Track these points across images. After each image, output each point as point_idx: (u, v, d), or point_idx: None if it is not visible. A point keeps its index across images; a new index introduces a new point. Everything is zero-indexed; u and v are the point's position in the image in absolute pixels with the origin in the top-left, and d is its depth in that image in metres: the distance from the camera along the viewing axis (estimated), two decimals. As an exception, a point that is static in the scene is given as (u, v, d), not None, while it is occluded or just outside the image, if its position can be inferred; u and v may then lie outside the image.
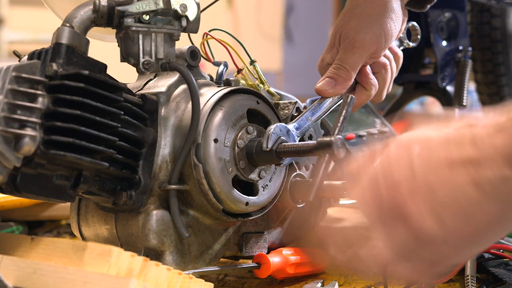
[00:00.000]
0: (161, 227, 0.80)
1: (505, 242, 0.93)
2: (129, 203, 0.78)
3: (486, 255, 0.90)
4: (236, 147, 0.82)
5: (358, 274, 0.73)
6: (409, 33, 1.08)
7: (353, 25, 0.93)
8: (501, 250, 0.89)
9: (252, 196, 0.84)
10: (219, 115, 0.81)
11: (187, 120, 0.81)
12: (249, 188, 0.84)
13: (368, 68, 0.96)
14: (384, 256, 0.63)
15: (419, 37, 1.08)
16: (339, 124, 0.81)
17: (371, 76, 0.96)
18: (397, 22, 0.94)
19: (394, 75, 1.01)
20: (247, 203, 0.83)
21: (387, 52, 0.98)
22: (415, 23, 1.08)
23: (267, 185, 0.85)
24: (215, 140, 0.80)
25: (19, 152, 0.68)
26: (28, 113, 0.70)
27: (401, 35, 1.04)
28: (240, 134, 0.82)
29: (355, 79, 0.95)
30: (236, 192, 0.81)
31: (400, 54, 1.02)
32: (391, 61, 0.99)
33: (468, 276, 0.85)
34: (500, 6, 1.50)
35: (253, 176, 0.83)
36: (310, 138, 0.93)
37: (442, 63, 1.34)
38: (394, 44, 1.02)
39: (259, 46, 5.09)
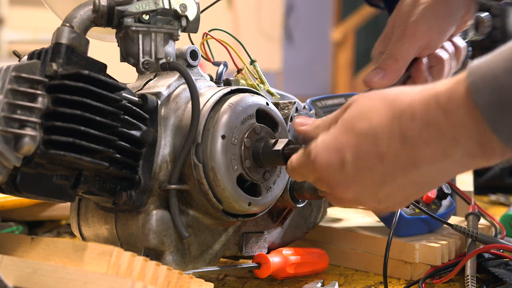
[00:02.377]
0: (161, 227, 0.80)
1: (505, 242, 0.93)
2: (129, 203, 0.78)
3: (486, 255, 0.91)
4: (243, 146, 0.82)
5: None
6: (478, 25, 1.00)
7: (406, 14, 0.89)
8: (501, 250, 0.89)
9: (255, 197, 0.83)
10: (228, 112, 0.81)
11: (187, 120, 0.81)
12: (251, 190, 0.84)
13: (424, 62, 0.92)
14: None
15: (488, 29, 1.00)
16: None
17: (425, 71, 0.91)
18: (456, 13, 0.89)
19: (453, 70, 0.95)
20: (250, 203, 0.83)
21: (448, 45, 0.94)
22: (484, 14, 1.00)
23: (270, 187, 0.85)
24: (223, 137, 0.80)
25: (19, 152, 0.68)
26: (28, 113, 0.70)
27: (467, 27, 0.96)
28: (248, 133, 0.82)
29: (407, 72, 0.91)
30: (240, 191, 0.81)
31: (463, 47, 0.95)
32: (451, 55, 0.94)
33: (468, 276, 0.85)
34: (500, 6, 1.50)
35: (258, 177, 0.83)
36: None
37: (442, 63, 1.33)
38: (458, 36, 0.96)
39: (259, 46, 5.09)
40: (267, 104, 0.86)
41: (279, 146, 0.81)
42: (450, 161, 0.61)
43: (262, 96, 0.87)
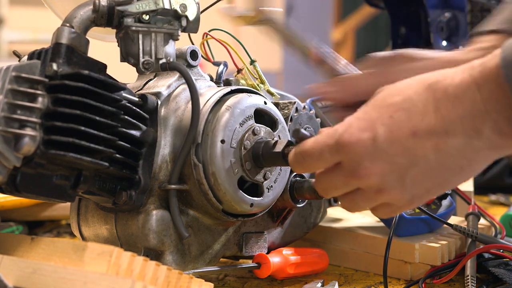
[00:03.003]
0: (161, 227, 0.79)
1: (505, 242, 0.93)
2: (129, 203, 0.78)
3: (486, 255, 0.91)
4: (242, 148, 0.81)
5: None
6: None
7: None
8: (501, 250, 0.89)
9: (257, 197, 0.83)
10: (226, 116, 0.81)
11: (187, 120, 0.81)
12: (252, 189, 0.84)
13: None
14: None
15: None
16: None
17: None
18: None
19: None
20: (252, 204, 0.83)
21: None
22: None
23: (272, 186, 0.85)
24: (222, 141, 0.80)
25: (19, 152, 0.68)
26: (28, 113, 0.70)
27: None
28: (247, 135, 0.82)
29: None
30: (242, 194, 0.81)
31: None
32: None
33: (468, 276, 0.85)
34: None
35: (259, 177, 0.83)
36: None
37: (442, 63, 1.34)
38: None
39: (259, 46, 5.08)
40: (265, 103, 0.86)
41: (279, 147, 0.80)
42: (480, 139, 0.61)
43: (260, 95, 0.87)
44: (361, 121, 0.65)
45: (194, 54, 0.88)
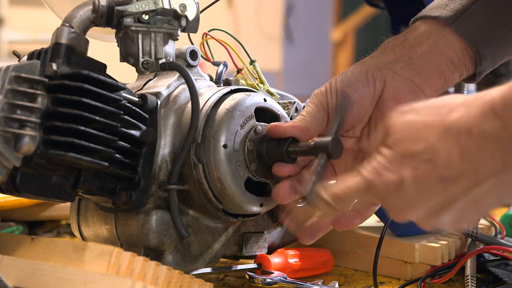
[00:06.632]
0: (161, 227, 0.80)
1: (505, 242, 0.93)
2: (129, 203, 0.78)
3: (486, 255, 0.91)
4: (246, 150, 0.81)
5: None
6: None
7: None
8: (501, 250, 0.90)
9: (265, 195, 0.83)
10: (226, 119, 0.80)
11: (187, 120, 0.81)
12: (260, 187, 0.84)
13: None
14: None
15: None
16: (335, 127, 0.78)
17: None
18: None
19: None
20: (261, 204, 0.83)
21: None
22: None
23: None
24: (225, 146, 0.79)
25: (18, 152, 0.68)
26: (28, 113, 0.70)
27: None
28: (249, 135, 0.82)
29: None
30: (250, 195, 0.81)
31: None
32: None
33: (468, 276, 0.85)
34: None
35: (266, 176, 0.83)
36: None
37: (442, 63, 1.33)
38: None
39: (259, 46, 5.09)
40: (265, 100, 0.85)
41: (282, 145, 0.80)
42: (510, 172, 0.59)
43: (259, 93, 0.87)
44: (389, 171, 0.63)
45: (193, 54, 0.88)
